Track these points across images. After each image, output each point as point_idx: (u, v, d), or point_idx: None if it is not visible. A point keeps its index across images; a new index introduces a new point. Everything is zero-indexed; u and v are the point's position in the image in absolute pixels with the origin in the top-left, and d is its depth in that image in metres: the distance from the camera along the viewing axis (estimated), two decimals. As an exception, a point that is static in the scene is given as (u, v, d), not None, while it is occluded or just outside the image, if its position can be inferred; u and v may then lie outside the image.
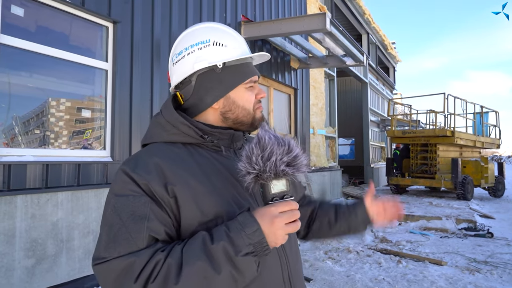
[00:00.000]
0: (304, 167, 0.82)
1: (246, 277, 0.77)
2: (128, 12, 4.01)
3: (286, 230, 0.79)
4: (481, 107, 12.84)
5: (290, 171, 0.80)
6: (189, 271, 0.73)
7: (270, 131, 0.85)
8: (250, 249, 0.75)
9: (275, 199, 0.80)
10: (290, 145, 0.82)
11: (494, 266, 4.53)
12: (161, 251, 0.76)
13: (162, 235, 0.79)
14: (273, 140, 0.81)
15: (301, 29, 5.55)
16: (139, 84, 4.11)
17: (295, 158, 0.81)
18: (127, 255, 0.75)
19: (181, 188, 0.83)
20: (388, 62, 19.77)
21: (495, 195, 11.82)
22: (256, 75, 1.00)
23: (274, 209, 0.79)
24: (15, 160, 2.98)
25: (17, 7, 3.17)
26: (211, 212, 0.84)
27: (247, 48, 1.02)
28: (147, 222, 0.78)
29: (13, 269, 2.91)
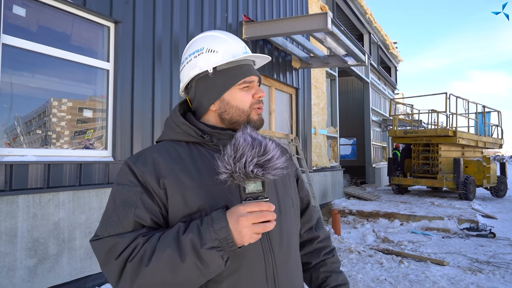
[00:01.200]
0: (278, 170, 0.82)
1: (211, 269, 0.82)
2: (129, 12, 4.01)
3: (253, 230, 0.81)
4: (483, 107, 12.81)
5: (259, 172, 0.80)
6: (159, 256, 0.81)
7: (250, 133, 0.87)
8: (216, 244, 0.81)
9: (248, 199, 0.82)
10: (266, 148, 0.83)
11: (496, 267, 4.52)
12: (142, 236, 0.85)
13: (148, 222, 0.88)
14: (248, 142, 0.83)
15: (303, 28, 5.55)
16: (140, 84, 4.11)
17: (269, 160, 0.82)
18: (115, 235, 0.86)
19: (171, 182, 0.91)
20: (389, 62, 19.73)
21: (497, 195, 11.80)
22: (251, 75, 1.03)
23: (242, 208, 0.82)
24: (17, 160, 2.99)
25: (19, 7, 3.17)
26: (195, 205, 0.90)
27: (242, 51, 1.04)
28: (134, 209, 0.88)
29: (15, 269, 2.92)
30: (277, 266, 0.95)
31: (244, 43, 1.11)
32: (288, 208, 1.04)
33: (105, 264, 0.86)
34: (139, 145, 4.07)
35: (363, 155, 15.18)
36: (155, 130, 4.27)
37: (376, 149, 16.36)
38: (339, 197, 10.22)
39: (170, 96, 4.50)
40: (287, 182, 1.08)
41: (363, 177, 14.75)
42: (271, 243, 0.95)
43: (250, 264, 0.91)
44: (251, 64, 1.06)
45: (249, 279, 0.91)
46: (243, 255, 0.89)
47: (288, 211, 1.03)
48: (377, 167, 14.99)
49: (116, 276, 0.84)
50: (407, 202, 9.80)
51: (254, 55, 1.04)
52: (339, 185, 10.37)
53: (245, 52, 1.04)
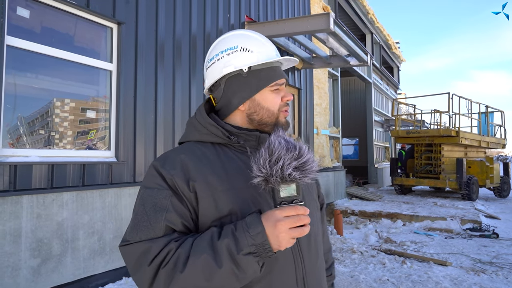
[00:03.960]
0: (313, 173, 0.83)
1: (247, 275, 0.81)
2: (132, 13, 4.03)
3: (290, 234, 0.80)
4: (486, 106, 12.76)
5: (297, 176, 0.80)
6: (194, 262, 0.79)
7: (283, 136, 0.87)
8: (252, 250, 0.79)
9: (283, 203, 0.81)
10: (301, 151, 0.83)
11: (499, 267, 4.51)
12: (175, 241, 0.83)
13: (179, 226, 0.87)
14: (283, 145, 0.83)
15: (305, 29, 5.55)
16: (143, 84, 4.13)
17: (305, 163, 0.82)
18: (146, 241, 0.84)
19: (201, 184, 0.89)
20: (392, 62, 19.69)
21: (500, 195, 11.75)
22: (282, 78, 1.03)
23: (279, 212, 0.80)
24: (21, 160, 3.01)
25: (22, 8, 3.19)
26: (225, 209, 0.89)
27: (275, 53, 1.05)
28: (165, 213, 0.86)
29: (19, 269, 2.94)
30: (306, 269, 0.94)
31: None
32: (313, 210, 1.03)
33: (136, 271, 0.83)
34: (142, 146, 4.08)
35: (366, 155, 15.16)
36: (158, 130, 4.28)
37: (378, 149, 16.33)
38: (341, 197, 10.21)
39: (173, 97, 4.51)
40: (311, 184, 1.05)
41: (365, 177, 14.72)
42: (300, 246, 0.94)
43: (281, 268, 0.90)
44: (280, 67, 1.06)
45: (280, 283, 0.90)
46: (275, 259, 0.89)
47: (314, 214, 1.01)
48: (380, 167, 14.96)
49: (148, 283, 0.81)
50: (409, 202, 9.78)
51: (285, 58, 1.06)
52: (342, 185, 10.36)
53: (277, 54, 1.05)
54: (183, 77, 4.67)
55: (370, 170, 14.66)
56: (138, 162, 4.03)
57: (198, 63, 4.93)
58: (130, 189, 3.92)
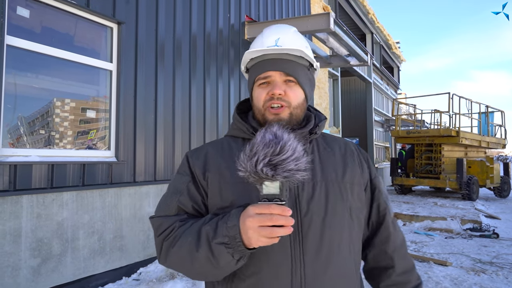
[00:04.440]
0: (293, 172, 0.77)
1: (220, 264, 0.83)
2: (132, 13, 4.03)
3: (259, 233, 0.77)
4: (486, 106, 12.75)
5: (269, 172, 0.75)
6: (182, 242, 0.88)
7: (275, 131, 0.82)
8: (226, 240, 0.81)
9: (263, 200, 0.78)
10: (284, 147, 0.78)
11: (499, 267, 4.50)
12: (180, 221, 0.93)
13: (190, 209, 0.96)
14: (265, 140, 0.79)
15: (305, 29, 5.55)
16: (143, 84, 4.12)
17: (283, 160, 0.76)
18: (162, 217, 0.96)
19: (213, 174, 0.96)
20: (392, 62, 19.68)
21: (500, 195, 11.74)
22: (267, 71, 0.96)
23: (252, 209, 0.79)
24: (21, 160, 3.00)
25: (22, 8, 3.19)
26: (228, 199, 0.93)
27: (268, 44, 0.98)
28: (179, 196, 0.96)
29: (19, 269, 2.94)
30: (306, 278, 0.88)
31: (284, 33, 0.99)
32: (339, 217, 0.94)
33: (154, 238, 0.96)
34: (142, 146, 4.08)
35: (366, 155, 15.11)
36: (158, 130, 4.28)
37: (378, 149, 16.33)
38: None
39: (173, 97, 4.51)
40: (345, 188, 0.98)
41: (365, 177, 14.69)
42: (303, 253, 0.89)
43: (273, 270, 0.87)
44: (279, 58, 0.96)
45: (272, 283, 0.88)
46: (265, 259, 0.87)
47: (338, 221, 0.94)
48: (380, 167, 14.95)
49: (158, 250, 0.94)
50: (409, 202, 9.78)
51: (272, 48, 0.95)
52: (342, 185, 10.34)
53: (269, 45, 0.97)
54: (183, 77, 4.67)
55: (370, 170, 14.61)
56: (138, 162, 4.02)
57: (198, 62, 4.92)
58: (130, 189, 3.92)
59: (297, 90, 0.97)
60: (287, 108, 0.96)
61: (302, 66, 0.98)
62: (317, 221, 0.91)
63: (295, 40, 0.99)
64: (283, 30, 1.00)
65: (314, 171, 0.95)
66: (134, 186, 3.95)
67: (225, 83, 5.47)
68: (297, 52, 0.96)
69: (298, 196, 0.92)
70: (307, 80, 1.00)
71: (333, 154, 1.03)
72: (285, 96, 0.95)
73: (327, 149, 1.04)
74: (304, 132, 0.99)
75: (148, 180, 4.13)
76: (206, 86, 5.07)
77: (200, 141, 4.89)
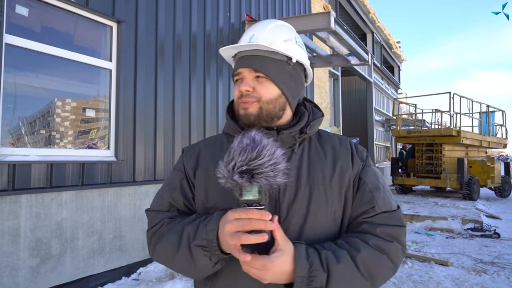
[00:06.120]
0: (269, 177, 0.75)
1: (197, 265, 0.85)
2: (132, 11, 4.01)
3: (233, 238, 0.76)
4: (487, 106, 12.73)
5: (246, 179, 0.75)
6: (167, 239, 0.91)
7: (252, 135, 0.81)
8: (203, 243, 0.83)
9: (243, 206, 0.77)
10: (261, 152, 0.77)
11: (501, 267, 4.48)
12: (169, 217, 0.95)
13: (181, 205, 0.98)
14: (242, 145, 0.78)
15: (306, 28, 5.53)
16: (143, 83, 4.11)
17: (260, 166, 0.76)
18: (155, 211, 1.00)
19: (201, 173, 0.97)
20: (393, 61, 19.66)
21: (501, 195, 11.72)
22: (238, 68, 0.95)
23: (231, 214, 0.78)
24: (20, 159, 2.99)
25: (21, 7, 3.17)
26: (212, 200, 0.93)
27: (243, 41, 0.96)
28: (172, 192, 0.99)
29: (18, 269, 2.92)
30: None
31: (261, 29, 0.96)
32: (321, 222, 0.91)
33: (147, 231, 1.00)
34: (142, 145, 4.06)
35: (366, 155, 15.11)
36: (158, 129, 4.26)
37: (379, 148, 16.31)
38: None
39: (173, 96, 4.49)
40: (331, 191, 0.93)
41: (366, 177, 14.68)
42: None
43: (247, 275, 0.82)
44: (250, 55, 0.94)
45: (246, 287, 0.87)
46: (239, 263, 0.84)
47: (319, 226, 0.90)
48: (380, 167, 14.93)
49: (148, 243, 0.98)
50: (410, 202, 9.76)
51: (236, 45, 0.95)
52: (342, 185, 10.33)
53: (243, 43, 0.95)
54: (183, 76, 4.65)
55: (370, 169, 14.61)
56: (138, 161, 4.01)
57: (198, 61, 4.91)
58: (130, 189, 3.90)
59: (269, 86, 0.93)
60: (256, 102, 0.93)
61: (276, 61, 0.93)
62: (295, 227, 0.88)
63: (271, 35, 0.95)
64: (260, 26, 0.97)
65: (299, 175, 0.92)
66: (133, 186, 3.94)
67: (225, 82, 5.45)
68: (263, 47, 0.92)
69: (279, 200, 0.89)
70: (283, 75, 0.94)
71: (325, 155, 0.98)
72: (254, 92, 0.93)
73: (318, 149, 0.99)
74: (293, 132, 0.95)
75: (148, 180, 4.12)
76: (206, 85, 5.05)
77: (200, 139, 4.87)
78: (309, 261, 0.80)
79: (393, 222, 0.91)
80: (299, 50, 0.98)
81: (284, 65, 0.95)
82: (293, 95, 0.98)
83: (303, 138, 0.98)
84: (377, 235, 0.88)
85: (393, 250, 0.89)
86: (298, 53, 0.98)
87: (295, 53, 0.97)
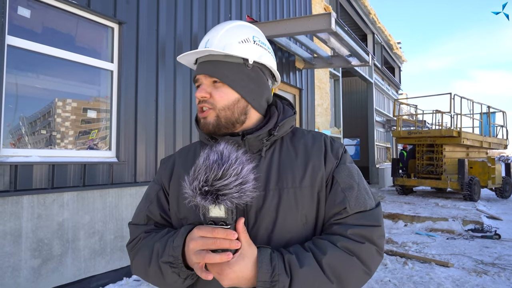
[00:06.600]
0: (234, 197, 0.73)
1: (167, 281, 0.85)
2: (133, 13, 4.02)
3: (197, 257, 0.76)
4: (488, 107, 12.73)
5: (209, 199, 0.73)
6: (140, 255, 0.91)
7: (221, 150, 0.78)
8: (170, 260, 0.82)
9: (209, 223, 0.76)
10: (227, 171, 0.73)
11: (502, 268, 4.48)
12: (145, 232, 0.95)
13: (158, 217, 0.97)
14: (208, 162, 0.75)
15: (306, 29, 5.53)
16: (144, 85, 4.12)
17: (224, 186, 0.73)
18: (133, 225, 1.00)
19: (173, 184, 0.96)
20: (393, 62, 19.66)
21: (502, 196, 11.71)
22: (195, 75, 0.94)
23: (196, 231, 0.78)
24: (22, 160, 3.00)
25: (23, 8, 3.19)
26: (182, 212, 0.92)
27: (200, 46, 0.95)
28: (149, 204, 0.98)
29: (20, 269, 2.93)
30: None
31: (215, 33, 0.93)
32: (290, 226, 0.87)
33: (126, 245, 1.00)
34: (143, 146, 4.07)
35: (367, 156, 15.13)
36: (159, 130, 4.27)
37: (380, 149, 16.30)
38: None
39: (174, 97, 4.50)
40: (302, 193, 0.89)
41: (366, 177, 14.69)
42: None
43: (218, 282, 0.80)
44: (205, 60, 0.92)
45: None
46: None
47: (288, 231, 0.87)
48: (381, 167, 14.93)
49: (129, 255, 0.98)
50: (411, 203, 9.76)
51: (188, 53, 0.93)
52: (343, 185, 10.32)
53: (199, 49, 0.93)
54: (184, 77, 4.66)
55: (371, 170, 14.63)
56: (139, 162, 4.02)
57: (199, 63, 4.91)
58: (131, 189, 3.91)
59: (225, 91, 0.90)
60: (212, 110, 0.90)
61: (231, 64, 0.90)
62: (264, 233, 0.86)
63: (224, 38, 0.92)
64: (214, 30, 0.95)
65: (268, 179, 0.89)
66: (135, 187, 3.95)
67: (226, 83, 5.46)
68: (215, 52, 0.90)
69: (246, 207, 0.86)
70: (240, 78, 0.91)
71: (296, 155, 0.93)
72: (210, 98, 0.91)
73: (290, 150, 0.94)
74: (260, 135, 0.92)
75: (149, 181, 4.12)
76: (207, 86, 5.05)
77: (201, 141, 4.88)
78: (272, 266, 0.77)
79: (366, 222, 0.85)
80: (258, 50, 0.94)
81: (241, 67, 0.91)
82: (254, 97, 0.94)
83: (273, 140, 0.93)
84: (347, 236, 0.84)
85: (365, 251, 0.83)
86: (257, 53, 0.94)
87: (252, 54, 0.92)
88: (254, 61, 0.93)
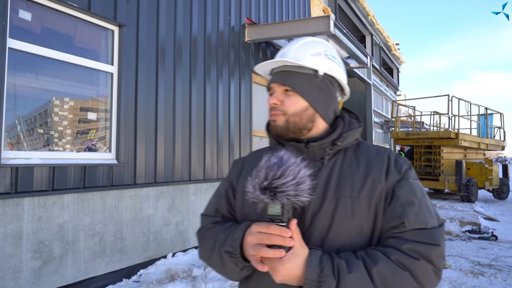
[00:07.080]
0: (291, 195, 0.80)
1: (226, 269, 0.95)
2: (133, 15, 4.04)
3: (253, 250, 0.83)
4: (485, 108, 12.79)
5: (267, 195, 0.80)
6: (206, 242, 1.02)
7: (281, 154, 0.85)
8: (230, 250, 0.91)
9: (267, 220, 0.83)
10: (285, 171, 0.81)
11: (498, 270, 4.52)
12: (213, 222, 1.06)
13: (225, 212, 1.07)
14: (269, 164, 0.84)
15: (305, 31, 5.57)
16: (144, 87, 4.14)
17: (283, 184, 0.80)
18: (204, 215, 1.11)
19: (241, 183, 1.03)
20: (392, 63, 19.72)
21: (499, 197, 11.77)
22: (270, 83, 1.02)
23: (254, 227, 0.85)
24: (22, 163, 3.02)
25: (24, 11, 3.21)
26: (246, 210, 1.00)
27: (276, 57, 1.04)
28: (218, 199, 1.09)
29: (20, 271, 2.95)
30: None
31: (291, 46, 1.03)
32: (344, 234, 0.90)
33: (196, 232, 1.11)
34: (143, 148, 4.09)
35: (365, 157, 15.15)
36: (159, 133, 4.29)
37: (378, 150, 16.33)
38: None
39: (173, 99, 4.52)
40: (359, 204, 0.91)
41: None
42: None
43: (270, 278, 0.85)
44: (280, 71, 1.01)
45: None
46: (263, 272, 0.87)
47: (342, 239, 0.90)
48: (379, 168, 14.95)
49: (198, 241, 1.09)
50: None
51: (265, 63, 1.03)
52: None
53: (276, 57, 1.03)
54: (183, 79, 4.68)
55: (369, 171, 14.64)
56: (139, 164, 4.04)
57: (198, 65, 4.94)
58: (131, 191, 3.93)
59: (295, 99, 0.97)
60: (283, 115, 0.98)
61: (303, 75, 0.97)
62: (317, 236, 0.90)
63: (298, 51, 1.00)
64: (291, 44, 1.03)
65: (327, 186, 0.93)
66: (134, 188, 3.97)
67: (225, 85, 5.48)
68: (289, 62, 0.97)
69: (303, 210, 0.91)
70: (310, 88, 0.98)
71: (357, 166, 0.96)
72: (282, 105, 0.98)
73: (352, 161, 0.98)
74: (324, 144, 0.97)
75: (149, 182, 4.15)
76: (207, 88, 5.08)
77: (201, 143, 4.91)
78: (321, 267, 0.81)
79: (424, 239, 0.84)
80: (328, 63, 1.01)
81: (312, 77, 0.98)
82: (322, 106, 1.00)
83: (337, 150, 0.98)
84: (402, 250, 0.83)
85: (419, 268, 0.82)
86: (327, 65, 1.00)
87: (322, 66, 0.99)
88: (324, 73, 1.00)
